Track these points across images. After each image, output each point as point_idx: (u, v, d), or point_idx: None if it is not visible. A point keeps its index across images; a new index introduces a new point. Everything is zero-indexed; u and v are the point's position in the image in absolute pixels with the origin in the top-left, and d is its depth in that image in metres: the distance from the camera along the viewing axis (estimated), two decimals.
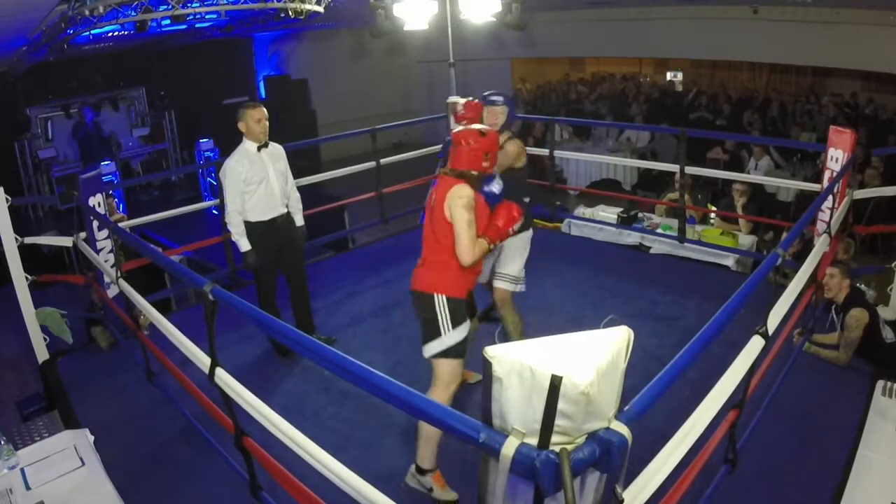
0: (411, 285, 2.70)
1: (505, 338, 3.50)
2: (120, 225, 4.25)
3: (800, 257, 3.32)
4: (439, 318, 2.60)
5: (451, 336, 2.60)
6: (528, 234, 3.45)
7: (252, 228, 3.57)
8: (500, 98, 3.37)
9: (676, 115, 10.02)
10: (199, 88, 10.57)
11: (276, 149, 3.66)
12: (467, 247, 2.51)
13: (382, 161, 5.58)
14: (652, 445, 1.72)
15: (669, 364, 1.60)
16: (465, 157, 2.57)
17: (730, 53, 10.10)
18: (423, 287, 2.64)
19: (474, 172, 2.61)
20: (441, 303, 2.60)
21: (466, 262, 2.53)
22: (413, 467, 2.67)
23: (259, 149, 3.53)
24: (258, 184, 3.52)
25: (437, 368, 2.65)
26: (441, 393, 2.64)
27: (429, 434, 2.56)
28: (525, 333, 3.44)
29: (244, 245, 3.58)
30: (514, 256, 3.42)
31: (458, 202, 2.51)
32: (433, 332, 2.59)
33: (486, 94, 3.41)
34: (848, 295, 3.42)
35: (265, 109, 3.54)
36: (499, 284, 3.43)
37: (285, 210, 3.71)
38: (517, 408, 1.30)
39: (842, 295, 3.43)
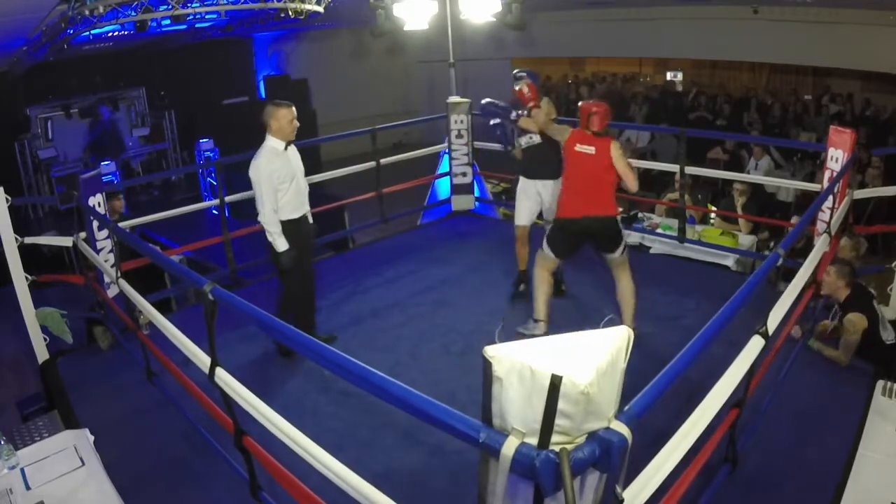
0: (587, 212, 3.51)
1: (505, 337, 3.50)
2: (120, 224, 4.25)
3: (800, 257, 3.32)
4: (621, 229, 3.64)
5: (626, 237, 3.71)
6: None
7: (283, 227, 3.50)
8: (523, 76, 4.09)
9: (676, 115, 10.01)
10: (198, 88, 10.56)
11: (294, 148, 3.63)
12: (635, 178, 3.55)
13: (382, 161, 5.58)
14: (652, 445, 1.72)
15: (669, 364, 1.60)
16: (601, 120, 3.52)
17: (730, 53, 10.10)
18: (609, 212, 3.55)
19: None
20: (619, 220, 3.66)
21: (636, 188, 3.59)
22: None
23: (286, 147, 3.50)
24: (290, 181, 3.48)
25: (622, 261, 3.65)
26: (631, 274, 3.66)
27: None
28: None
29: (282, 245, 3.48)
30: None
31: (624, 153, 3.52)
32: (618, 239, 3.59)
33: (515, 72, 4.15)
34: (850, 295, 3.41)
35: (295, 109, 3.51)
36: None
37: (309, 207, 3.70)
38: (517, 408, 1.30)
39: (841, 293, 3.42)
